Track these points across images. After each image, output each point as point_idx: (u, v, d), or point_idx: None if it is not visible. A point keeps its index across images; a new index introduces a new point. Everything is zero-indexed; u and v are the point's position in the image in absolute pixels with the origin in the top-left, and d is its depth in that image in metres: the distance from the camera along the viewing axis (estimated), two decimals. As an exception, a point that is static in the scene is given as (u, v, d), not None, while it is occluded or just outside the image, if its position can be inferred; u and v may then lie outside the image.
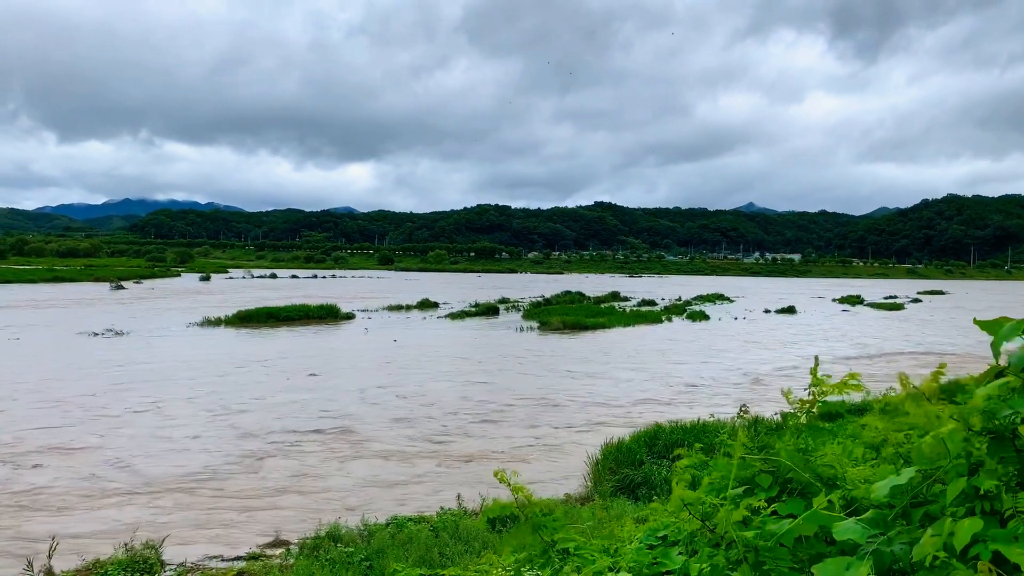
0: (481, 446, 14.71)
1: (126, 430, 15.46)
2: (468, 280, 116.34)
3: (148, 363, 24.60)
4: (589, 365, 26.18)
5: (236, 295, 62.24)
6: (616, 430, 14.88)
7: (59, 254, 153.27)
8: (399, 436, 15.35)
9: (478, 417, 17.20)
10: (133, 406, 17.77)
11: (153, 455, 13.64)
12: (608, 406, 18.81)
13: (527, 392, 20.57)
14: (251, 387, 20.70)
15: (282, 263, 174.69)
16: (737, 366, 26.29)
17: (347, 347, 30.85)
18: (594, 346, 32.28)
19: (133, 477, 12.35)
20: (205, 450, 14.07)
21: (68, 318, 39.77)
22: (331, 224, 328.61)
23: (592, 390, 21.01)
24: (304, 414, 17.22)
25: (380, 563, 7.39)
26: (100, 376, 21.91)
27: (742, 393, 20.88)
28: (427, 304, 52.95)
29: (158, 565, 8.46)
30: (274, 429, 15.76)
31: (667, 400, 19.82)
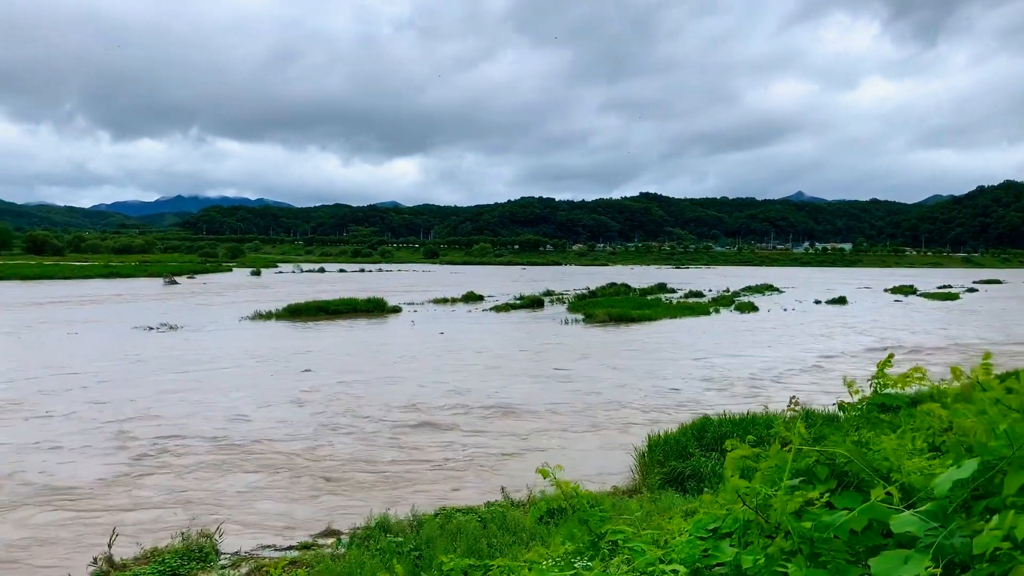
0: (527, 439, 14.74)
1: (189, 419, 15.80)
2: (512, 273, 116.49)
3: (202, 356, 25.09)
4: (634, 357, 26.03)
5: (286, 289, 63.21)
6: (663, 422, 14.79)
7: (114, 250, 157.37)
8: (450, 426, 15.45)
9: (523, 409, 17.22)
10: (197, 394, 18.17)
11: (211, 442, 13.93)
12: (655, 398, 18.69)
13: (572, 384, 20.54)
14: (309, 377, 21.00)
15: (330, 257, 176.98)
16: (788, 357, 25.91)
17: (394, 339, 31.13)
18: (640, 338, 32.09)
19: (187, 461, 12.64)
20: (266, 437, 14.33)
21: (123, 313, 40.79)
22: (377, 219, 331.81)
23: (638, 382, 20.89)
24: (360, 403, 17.42)
25: (429, 553, 7.45)
26: (162, 368, 22.42)
27: (793, 384, 20.58)
28: (472, 297, 53.15)
29: (213, 554, 8.65)
30: (327, 421, 15.97)
31: (715, 392, 19.62)
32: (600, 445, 14.21)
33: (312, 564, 7.92)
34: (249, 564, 8.49)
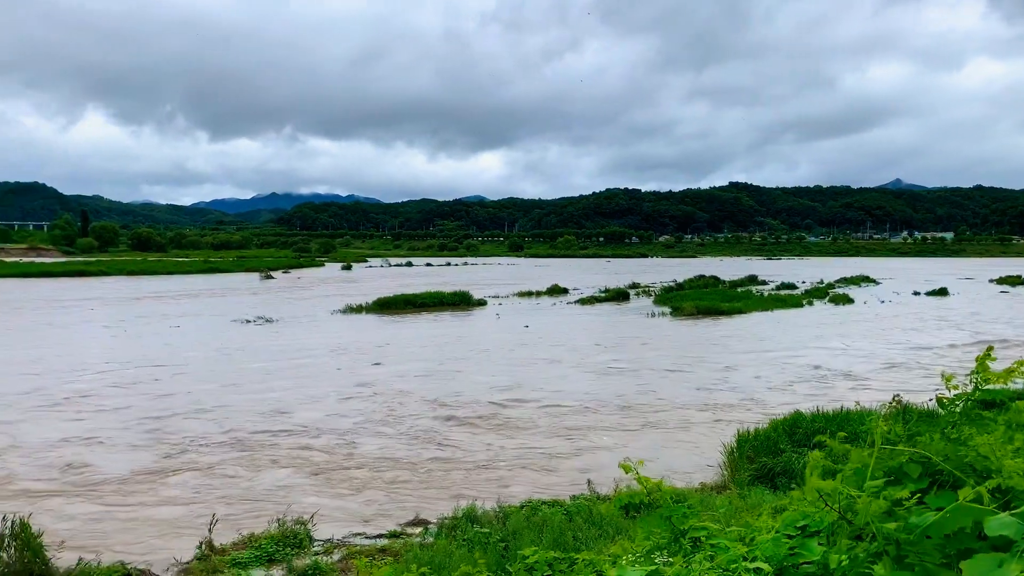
0: (615, 435, 14.67)
1: (237, 413, 16.33)
2: (597, 265, 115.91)
3: (287, 348, 25.88)
4: (724, 351, 25.56)
5: (375, 283, 64.55)
6: (753, 418, 14.50)
7: (213, 246, 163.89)
8: (540, 420, 15.51)
9: (609, 404, 17.14)
10: (261, 387, 18.78)
11: (310, 431, 14.38)
12: (744, 393, 18.32)
13: (659, 379, 20.33)
14: (375, 370, 21.40)
15: (417, 252, 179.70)
16: (884, 351, 24.99)
17: (475, 332, 31.43)
18: (729, 331, 31.48)
19: (287, 451, 13.08)
20: (358, 429, 14.70)
21: (223, 307, 42.45)
22: (463, 212, 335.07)
23: (727, 376, 20.51)
24: (418, 397, 17.66)
25: (515, 544, 7.52)
26: (243, 360, 23.25)
27: (889, 379, 19.85)
28: (557, 290, 53.13)
29: (307, 540, 8.95)
30: (380, 415, 16.22)
31: (807, 386, 19.09)
32: (686, 441, 14.04)
33: (400, 552, 8.10)
34: (341, 551, 8.75)
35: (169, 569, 8.33)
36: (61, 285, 60.78)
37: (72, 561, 8.12)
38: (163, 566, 8.42)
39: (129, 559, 8.51)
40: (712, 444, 13.23)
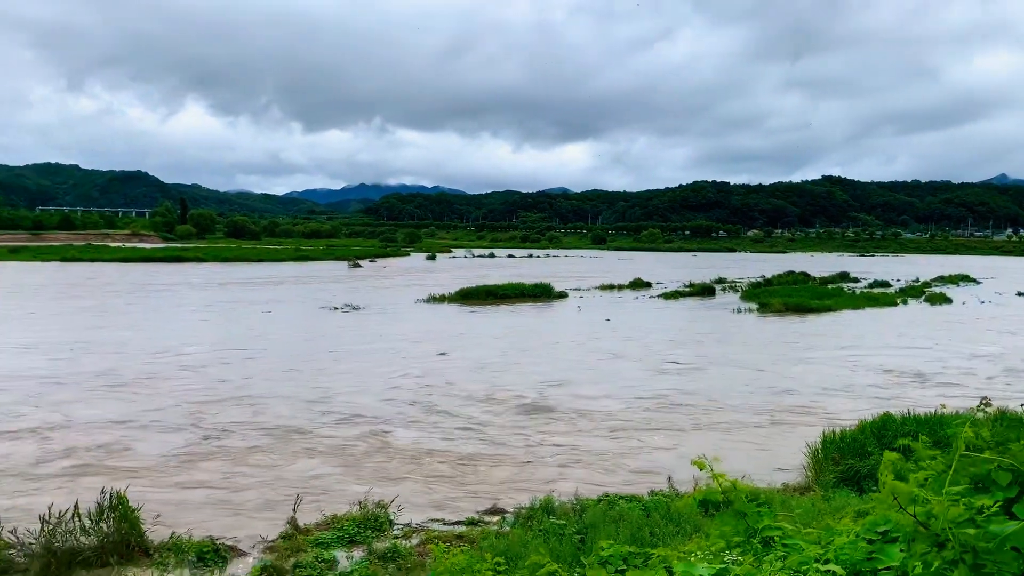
0: (671, 434, 14.48)
1: (282, 401, 16.71)
2: (683, 259, 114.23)
3: (365, 335, 26.40)
4: (813, 349, 24.87)
5: (458, 273, 65.26)
6: (840, 419, 14.08)
7: (304, 235, 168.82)
8: (617, 414, 15.44)
9: (676, 401, 16.91)
10: (322, 375, 19.21)
11: (393, 421, 14.68)
12: (832, 393, 17.79)
13: (744, 375, 19.93)
14: (437, 360, 21.60)
15: (500, 243, 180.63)
16: (981, 354, 23.86)
17: (550, 325, 31.44)
18: (816, 329, 30.61)
19: (370, 441, 13.38)
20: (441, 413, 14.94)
21: (313, 294, 43.65)
22: (546, 204, 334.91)
23: (815, 375, 19.96)
24: (499, 387, 17.75)
25: (591, 537, 7.52)
26: (318, 347, 23.84)
27: (987, 383, 18.96)
28: (639, 284, 52.61)
29: (387, 524, 9.15)
30: (467, 402, 16.37)
31: (897, 388, 18.41)
32: (768, 441, 13.73)
33: (477, 540, 8.20)
34: (419, 536, 8.91)
35: (255, 546, 8.65)
36: (160, 270, 63.58)
37: (164, 535, 8.54)
38: (249, 543, 8.74)
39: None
40: (785, 445, 12.93)
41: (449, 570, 5.24)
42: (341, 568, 7.83)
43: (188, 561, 8.10)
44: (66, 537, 7.92)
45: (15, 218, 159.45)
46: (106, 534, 8.06)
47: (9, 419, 14.30)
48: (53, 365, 19.84)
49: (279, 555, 8.19)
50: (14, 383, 17.50)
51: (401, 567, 7.73)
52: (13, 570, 7.69)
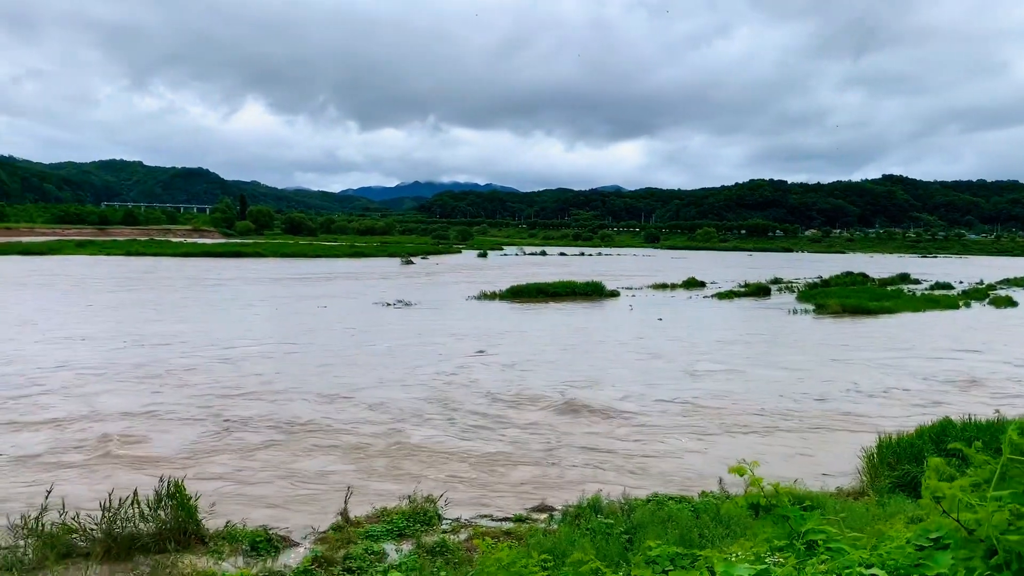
0: (738, 436, 14.30)
1: (301, 398, 16.88)
2: (738, 259, 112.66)
3: (410, 330, 26.62)
4: (871, 352, 24.32)
5: (509, 271, 65.39)
6: (897, 423, 13.75)
7: (359, 232, 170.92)
8: (665, 415, 15.33)
9: (743, 399, 16.70)
10: (353, 370, 19.39)
11: (444, 415, 14.81)
12: (889, 397, 17.39)
13: (799, 378, 19.59)
14: (472, 358, 21.64)
15: (552, 241, 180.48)
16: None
17: (605, 324, 31.29)
18: (873, 331, 29.92)
19: (421, 435, 13.53)
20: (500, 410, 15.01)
21: (366, 290, 44.20)
22: (599, 202, 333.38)
23: (872, 378, 19.52)
24: (524, 386, 17.74)
25: (639, 537, 7.49)
26: (362, 343, 24.10)
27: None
28: (693, 283, 52.07)
29: (436, 518, 9.24)
30: (487, 401, 16.37)
31: (959, 393, 17.89)
32: (814, 445, 13.47)
33: (524, 536, 8.23)
34: (467, 531, 8.97)
35: (307, 537, 8.81)
36: (219, 264, 65.01)
37: (219, 524, 8.75)
38: (301, 533, 8.91)
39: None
40: (831, 450, 12.71)
41: (495, 565, 5.27)
42: (390, 560, 7.93)
43: (242, 550, 8.29)
44: (125, 524, 8.17)
45: (82, 213, 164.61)
46: (164, 521, 8.30)
47: (35, 410, 14.69)
48: (97, 357, 20.42)
49: (330, 546, 8.33)
50: (53, 374, 18.02)
51: (449, 561, 7.80)
52: (75, 554, 7.96)
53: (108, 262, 65.52)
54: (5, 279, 45.41)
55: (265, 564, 7.95)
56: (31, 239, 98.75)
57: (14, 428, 13.43)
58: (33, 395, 15.86)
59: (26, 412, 14.50)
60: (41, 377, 17.62)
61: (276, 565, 7.94)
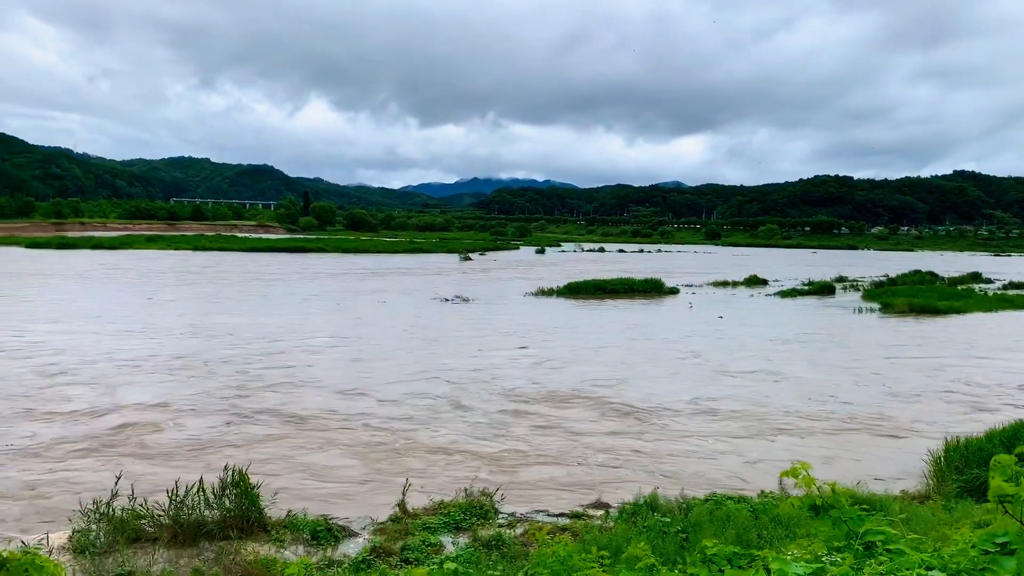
0: (805, 438, 14.05)
1: (325, 392, 17.00)
2: (801, 256, 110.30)
3: (463, 325, 26.75)
4: (939, 353, 23.61)
5: (567, 267, 65.24)
6: (965, 427, 13.34)
7: (418, 228, 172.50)
8: (727, 416, 15.15)
9: (801, 400, 16.39)
10: (384, 364, 19.51)
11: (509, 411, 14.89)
12: (958, 400, 16.88)
13: (861, 379, 19.15)
14: (515, 355, 21.60)
15: (610, 237, 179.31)
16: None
17: (659, 321, 30.99)
18: (940, 332, 29.03)
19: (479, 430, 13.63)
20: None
21: (424, 285, 44.61)
22: (658, 199, 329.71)
23: (941, 381, 18.96)
24: (527, 385, 17.65)
25: (696, 536, 7.43)
26: (407, 337, 24.30)
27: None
28: (755, 281, 51.21)
29: (492, 512, 9.31)
30: (503, 398, 16.33)
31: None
32: (891, 446, 13.16)
33: (580, 533, 8.24)
34: (523, 526, 9.01)
35: (366, 527, 8.96)
36: (283, 259, 66.33)
37: (280, 513, 8.96)
38: (360, 524, 9.06)
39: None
40: (918, 451, 12.34)
41: (552, 559, 5.29)
42: (447, 552, 8.02)
43: (303, 538, 8.47)
44: (191, 510, 8.43)
45: (152, 209, 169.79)
46: (228, 509, 8.53)
47: (56, 399, 15.20)
48: (140, 348, 21.08)
49: (388, 537, 8.46)
50: (91, 366, 18.65)
51: (505, 555, 7.85)
52: (144, 538, 8.25)
53: (173, 256, 67.39)
54: (76, 272, 47.18)
55: (325, 553, 8.11)
56: (104, 234, 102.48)
57: (29, 417, 13.93)
58: (60, 384, 16.50)
59: (47, 401, 15.09)
60: (78, 367, 18.33)
61: (336, 554, 8.10)
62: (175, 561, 7.81)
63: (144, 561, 7.75)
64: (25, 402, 14.96)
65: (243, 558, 7.72)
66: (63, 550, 7.97)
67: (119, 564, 7.59)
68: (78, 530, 8.23)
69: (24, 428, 13.20)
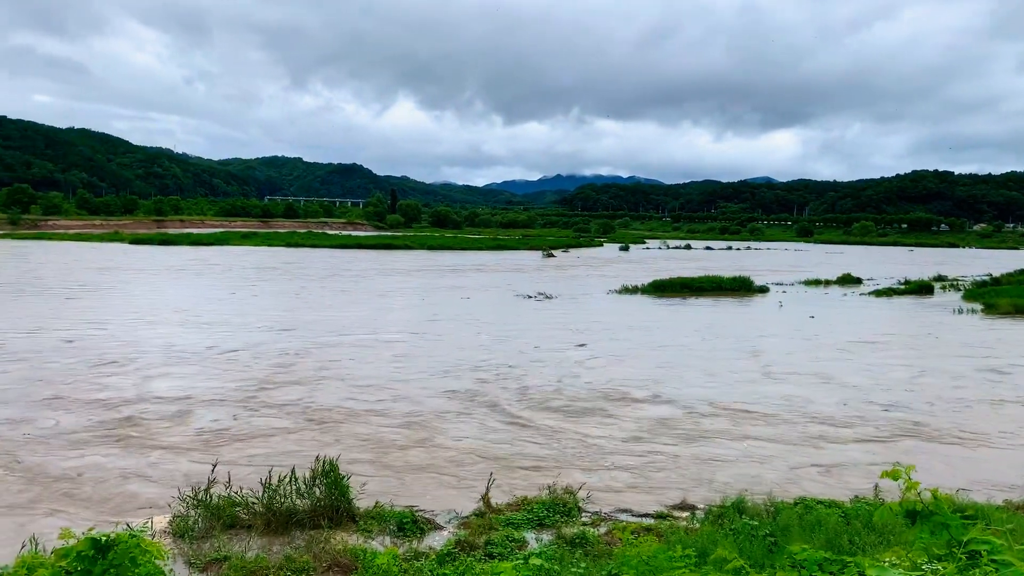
0: (886, 443, 13.54)
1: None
2: (898, 255, 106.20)
3: (534, 323, 26.69)
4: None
5: (652, 265, 64.56)
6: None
7: (501, 225, 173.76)
8: (825, 420, 14.75)
9: (900, 406, 15.80)
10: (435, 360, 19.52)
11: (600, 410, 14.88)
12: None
13: (962, 383, 18.32)
14: (600, 350, 21.38)
15: (697, 235, 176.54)
16: None
17: (743, 320, 30.30)
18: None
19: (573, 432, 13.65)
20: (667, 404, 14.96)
21: (506, 282, 44.85)
22: (747, 195, 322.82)
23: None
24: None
25: (784, 541, 7.27)
26: (479, 333, 24.37)
27: None
28: (848, 280, 49.55)
29: (576, 510, 9.31)
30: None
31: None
32: (982, 455, 12.56)
33: (665, 533, 8.16)
34: (607, 524, 8.99)
35: (450, 521, 9.09)
36: (371, 256, 67.71)
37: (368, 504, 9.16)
38: (445, 517, 9.20)
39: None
40: (993, 463, 11.79)
41: (636, 558, 5.27)
42: (530, 549, 8.06)
43: (389, 529, 8.66)
44: (283, 499, 8.72)
45: (247, 207, 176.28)
46: (318, 499, 8.79)
47: (90, 389, 15.75)
48: (205, 341, 21.84)
49: (472, 531, 8.56)
50: (141, 356, 19.45)
51: (588, 553, 7.84)
52: (239, 525, 8.58)
53: (265, 252, 69.60)
54: (169, 268, 49.31)
55: (411, 545, 8.27)
56: (201, 230, 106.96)
57: (53, 405, 14.48)
58: (102, 375, 17.16)
59: (80, 389, 15.72)
60: (129, 357, 19.18)
61: (421, 546, 8.24)
62: (268, 548, 8.09)
63: (239, 547, 8.06)
64: (60, 389, 15.66)
65: (332, 547, 7.94)
66: (164, 534, 8.37)
67: (215, 549, 7.92)
68: (178, 515, 8.62)
69: (48, 415, 13.75)
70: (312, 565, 7.45)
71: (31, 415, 13.70)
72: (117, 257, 58.12)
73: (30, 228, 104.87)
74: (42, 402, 14.63)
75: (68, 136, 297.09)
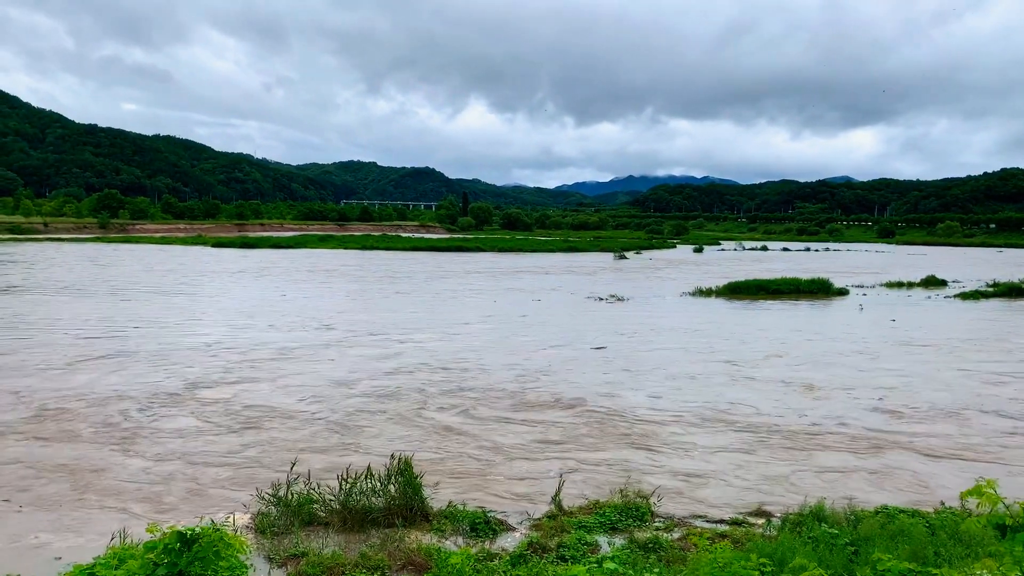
0: (1004, 449, 13.01)
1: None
2: (986, 256, 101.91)
3: (604, 326, 26.47)
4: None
5: (727, 267, 63.50)
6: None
7: (572, 227, 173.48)
8: (926, 429, 14.30)
9: (996, 411, 15.17)
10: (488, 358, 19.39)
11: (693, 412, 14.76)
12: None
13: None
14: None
15: (773, 235, 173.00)
16: None
17: (820, 325, 29.49)
18: None
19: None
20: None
21: (579, 284, 44.73)
22: (826, 195, 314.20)
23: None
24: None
25: (866, 550, 7.07)
26: (532, 334, 24.26)
27: None
28: (932, 282, 47.78)
29: (648, 514, 9.22)
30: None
31: None
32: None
33: (741, 540, 8.02)
34: (681, 530, 8.88)
35: (522, 522, 9.12)
36: (443, 258, 68.44)
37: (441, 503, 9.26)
38: (517, 519, 9.23)
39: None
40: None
41: (711, 564, 5.20)
42: (603, 552, 8.03)
43: (462, 529, 8.74)
44: (359, 497, 8.88)
45: (324, 210, 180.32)
46: (393, 497, 8.92)
47: (90, 384, 16.30)
48: (250, 340, 22.52)
49: (544, 533, 8.57)
50: (172, 352, 20.20)
51: (662, 558, 7.76)
52: (316, 522, 8.79)
53: (341, 254, 71.01)
54: (242, 269, 50.76)
55: (484, 545, 8.33)
56: (280, 234, 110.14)
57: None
58: (129, 366, 18.18)
59: (80, 383, 16.42)
60: (162, 352, 20.11)
61: (494, 547, 8.29)
62: (344, 545, 8.26)
63: (317, 544, 8.25)
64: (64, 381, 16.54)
65: (407, 546, 8.06)
66: (246, 529, 8.63)
67: (294, 544, 8.13)
68: (259, 512, 8.88)
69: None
70: (387, 563, 7.58)
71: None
72: (194, 260, 60.21)
73: (118, 232, 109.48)
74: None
75: (154, 143, 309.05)
